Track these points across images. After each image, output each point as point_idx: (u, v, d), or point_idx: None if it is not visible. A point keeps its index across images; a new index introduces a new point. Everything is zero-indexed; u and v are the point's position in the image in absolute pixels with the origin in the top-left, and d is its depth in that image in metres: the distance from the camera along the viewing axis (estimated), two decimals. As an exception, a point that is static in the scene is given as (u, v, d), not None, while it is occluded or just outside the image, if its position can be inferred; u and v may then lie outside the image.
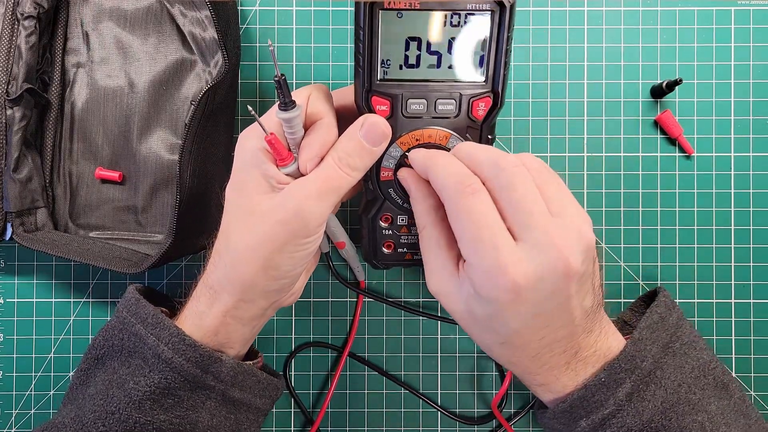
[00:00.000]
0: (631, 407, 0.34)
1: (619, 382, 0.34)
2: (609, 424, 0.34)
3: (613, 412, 0.34)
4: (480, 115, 0.36)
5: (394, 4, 0.33)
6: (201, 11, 0.46)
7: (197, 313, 0.37)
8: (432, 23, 0.34)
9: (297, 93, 0.36)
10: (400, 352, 0.48)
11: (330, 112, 0.36)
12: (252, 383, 0.38)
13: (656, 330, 0.37)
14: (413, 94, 0.36)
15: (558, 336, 0.33)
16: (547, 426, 0.38)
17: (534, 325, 0.33)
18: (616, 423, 0.34)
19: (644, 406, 0.34)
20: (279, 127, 0.35)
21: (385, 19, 0.34)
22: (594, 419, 0.34)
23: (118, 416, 0.35)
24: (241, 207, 0.35)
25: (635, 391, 0.34)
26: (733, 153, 0.47)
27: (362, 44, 0.34)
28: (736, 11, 0.47)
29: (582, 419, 0.35)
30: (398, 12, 0.34)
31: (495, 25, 0.34)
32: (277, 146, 0.34)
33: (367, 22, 0.34)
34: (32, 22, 0.44)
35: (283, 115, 0.33)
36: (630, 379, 0.34)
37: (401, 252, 0.41)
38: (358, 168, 0.34)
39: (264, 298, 0.36)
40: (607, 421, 0.34)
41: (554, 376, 0.35)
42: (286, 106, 0.33)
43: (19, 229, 0.45)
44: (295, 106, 0.34)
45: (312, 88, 0.36)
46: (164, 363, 0.35)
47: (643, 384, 0.35)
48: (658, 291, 0.40)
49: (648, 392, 0.34)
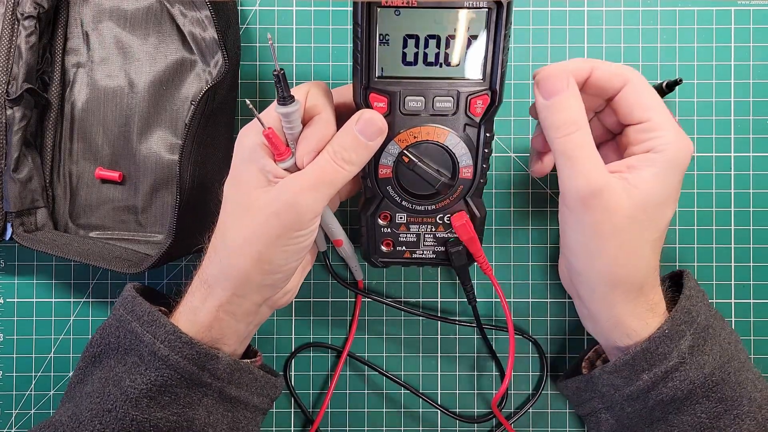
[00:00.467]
0: (694, 360, 0.35)
1: (681, 335, 0.35)
2: (672, 377, 0.35)
3: (676, 365, 0.35)
4: (478, 113, 0.36)
5: (391, 2, 0.33)
6: (201, 11, 0.46)
7: (191, 309, 0.37)
8: (429, 21, 0.34)
9: (296, 89, 0.36)
10: (399, 352, 0.48)
11: (328, 107, 0.36)
12: (249, 381, 0.38)
13: (700, 292, 0.38)
14: (411, 92, 0.36)
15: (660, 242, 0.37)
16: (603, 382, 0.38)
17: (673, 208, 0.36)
18: (679, 376, 0.35)
19: (705, 360, 0.35)
20: (278, 123, 0.35)
21: (383, 16, 0.34)
22: (657, 372, 0.35)
23: (114, 414, 0.35)
24: (237, 202, 0.35)
25: (695, 345, 0.35)
26: (733, 153, 0.47)
27: (360, 42, 0.34)
28: (736, 11, 0.47)
29: (644, 372, 0.35)
30: (396, 10, 0.34)
31: (492, 22, 0.34)
32: (274, 141, 0.34)
33: (365, 20, 0.34)
34: (32, 22, 0.44)
35: (282, 110, 0.34)
36: (690, 332, 0.35)
37: (400, 250, 0.41)
38: (353, 162, 0.35)
39: (257, 293, 0.36)
40: (669, 374, 0.35)
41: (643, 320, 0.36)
42: (285, 101, 0.34)
43: (19, 229, 0.45)
44: (294, 101, 0.34)
45: (311, 85, 0.37)
46: (160, 360, 0.35)
47: (701, 339, 0.35)
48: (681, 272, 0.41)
49: (706, 346, 0.35)
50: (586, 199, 0.34)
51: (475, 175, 0.38)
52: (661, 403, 0.36)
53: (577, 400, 0.42)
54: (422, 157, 0.37)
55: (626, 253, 0.35)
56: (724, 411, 0.35)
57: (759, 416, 0.36)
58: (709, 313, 0.38)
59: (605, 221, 0.34)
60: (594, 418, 0.40)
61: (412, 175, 0.38)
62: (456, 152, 0.37)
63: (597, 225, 0.35)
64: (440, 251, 0.42)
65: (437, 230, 0.41)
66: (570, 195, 0.35)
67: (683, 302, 0.36)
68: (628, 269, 0.36)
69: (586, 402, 0.41)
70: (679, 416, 0.36)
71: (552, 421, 0.48)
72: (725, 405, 0.35)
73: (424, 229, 0.41)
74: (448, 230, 0.41)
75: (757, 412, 0.36)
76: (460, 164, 0.38)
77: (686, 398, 0.35)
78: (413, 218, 0.40)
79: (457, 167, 0.38)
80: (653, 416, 0.37)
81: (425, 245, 0.41)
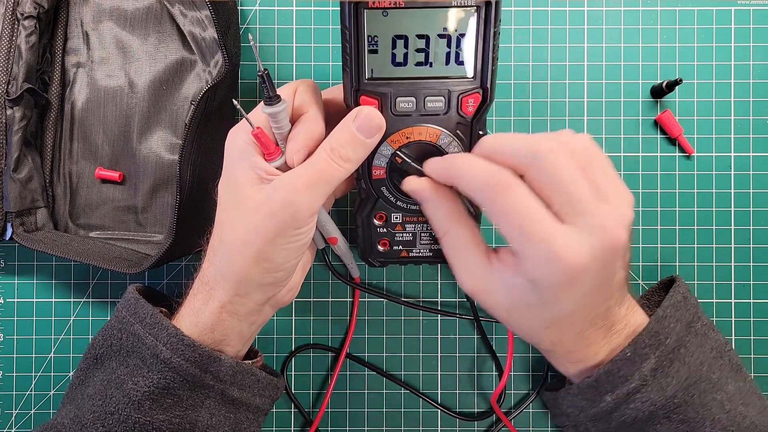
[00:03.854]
0: (656, 382, 0.35)
1: (644, 357, 0.35)
2: (633, 399, 0.35)
3: (638, 387, 0.35)
4: (470, 112, 0.36)
5: (379, 4, 0.33)
6: (201, 11, 0.46)
7: (194, 311, 0.37)
8: (418, 21, 0.34)
9: (284, 88, 0.36)
10: (399, 352, 0.48)
11: (316, 105, 0.36)
12: (251, 382, 0.38)
13: (680, 309, 0.37)
14: (402, 93, 0.36)
15: (600, 311, 0.34)
16: (568, 404, 0.38)
17: (584, 303, 0.33)
18: (640, 398, 0.35)
19: (668, 381, 0.35)
20: (266, 122, 0.35)
21: (371, 18, 0.34)
22: (619, 393, 0.35)
23: (117, 416, 0.35)
24: (232, 202, 0.35)
25: (659, 367, 0.35)
26: (733, 153, 0.47)
27: (349, 44, 0.34)
28: (736, 11, 0.47)
29: (607, 394, 0.35)
30: (383, 11, 0.34)
31: (481, 20, 0.34)
32: (263, 140, 0.34)
33: (352, 22, 0.33)
34: (32, 22, 0.44)
35: (269, 110, 0.34)
36: (654, 354, 0.35)
37: (396, 249, 0.42)
38: (350, 160, 0.34)
39: (259, 292, 0.36)
40: (631, 395, 0.35)
41: (593, 351, 0.35)
42: (271, 101, 0.34)
43: (19, 229, 0.45)
44: (280, 100, 0.34)
45: (299, 83, 0.36)
46: (162, 363, 0.35)
47: (667, 360, 0.35)
48: (674, 278, 0.41)
49: (672, 369, 0.35)
50: (474, 295, 0.36)
51: None
52: (623, 424, 0.36)
53: (552, 413, 0.42)
54: (415, 157, 0.37)
55: (531, 336, 0.36)
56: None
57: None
58: (687, 331, 0.37)
59: (491, 312, 0.36)
60: None
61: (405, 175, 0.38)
62: (449, 152, 0.37)
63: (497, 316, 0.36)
64: (437, 249, 0.42)
65: None
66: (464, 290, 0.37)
67: (652, 324, 0.35)
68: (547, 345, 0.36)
69: (557, 417, 0.41)
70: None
71: (552, 419, 0.48)
72: (686, 426, 0.35)
73: (420, 228, 0.41)
74: None
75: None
76: None
77: (648, 419, 0.35)
78: (409, 217, 0.40)
79: None
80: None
81: (422, 243, 0.41)
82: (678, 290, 0.38)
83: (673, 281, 0.41)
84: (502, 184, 0.32)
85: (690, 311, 0.38)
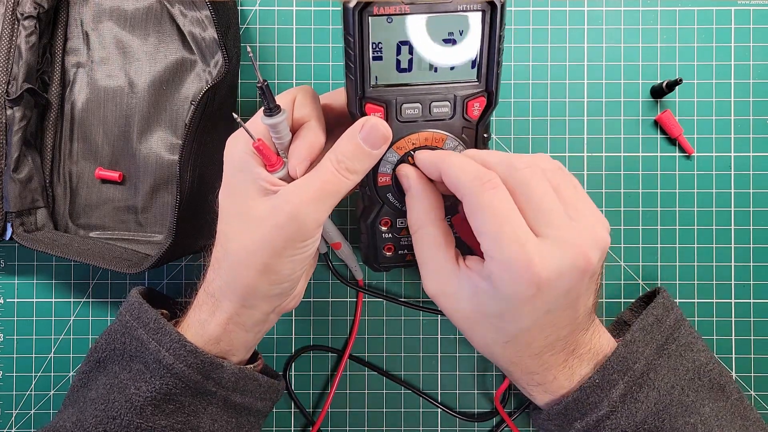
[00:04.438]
0: (625, 408, 0.34)
1: (612, 384, 0.34)
2: (603, 426, 0.34)
3: (607, 414, 0.34)
4: (475, 115, 0.36)
5: (383, 10, 0.33)
6: (201, 11, 0.46)
7: (199, 322, 0.36)
8: (422, 26, 0.34)
9: (282, 96, 0.35)
10: (400, 352, 0.48)
11: (316, 114, 0.35)
12: (253, 387, 0.38)
13: (650, 332, 0.37)
14: (407, 99, 0.35)
15: (561, 334, 0.34)
16: (542, 427, 0.38)
17: (543, 323, 0.33)
18: (610, 424, 0.34)
19: (637, 407, 0.34)
20: (266, 132, 0.34)
21: (375, 25, 0.33)
22: (588, 421, 0.34)
23: (119, 421, 0.35)
24: (235, 213, 0.35)
25: (628, 393, 0.34)
26: (733, 153, 0.47)
27: (353, 52, 0.34)
28: (736, 11, 0.47)
29: (576, 421, 0.35)
30: (388, 17, 0.33)
31: (486, 24, 0.34)
32: (265, 152, 0.33)
33: (356, 30, 0.33)
34: (32, 22, 0.44)
35: (269, 121, 0.33)
36: (623, 380, 0.34)
37: (401, 254, 0.41)
38: (357, 171, 0.34)
39: (266, 303, 0.36)
40: (601, 422, 0.34)
41: (552, 375, 0.35)
42: (271, 112, 0.33)
43: (19, 229, 0.45)
44: (280, 111, 0.33)
45: (297, 91, 0.36)
46: (165, 369, 0.35)
47: (636, 386, 0.35)
48: (657, 291, 0.40)
49: (641, 394, 0.35)
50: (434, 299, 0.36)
51: None
52: None
53: None
54: None
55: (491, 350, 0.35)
56: None
57: None
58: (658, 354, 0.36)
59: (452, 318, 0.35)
60: None
61: None
62: None
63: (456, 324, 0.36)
64: None
65: None
66: None
67: (620, 349, 0.35)
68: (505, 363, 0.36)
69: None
70: None
71: None
72: None
73: None
74: None
75: None
76: None
77: None
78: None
79: None
80: None
81: None
82: (651, 312, 0.38)
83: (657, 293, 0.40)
84: (492, 182, 0.32)
85: (663, 333, 0.37)
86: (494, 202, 0.31)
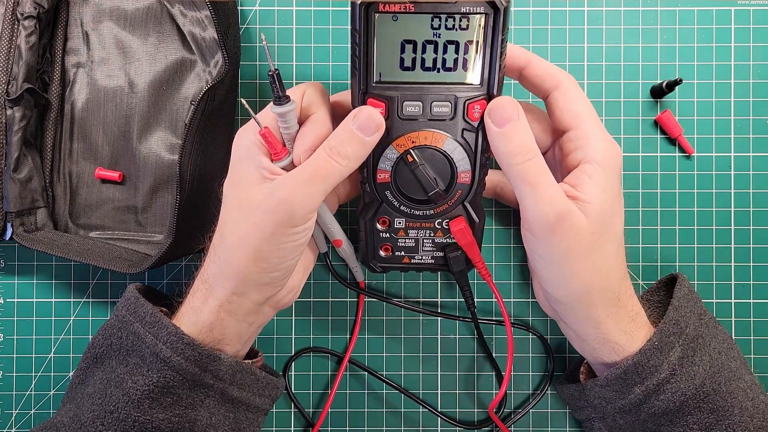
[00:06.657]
0: (684, 372, 0.35)
1: (671, 346, 0.35)
2: (663, 390, 0.35)
3: (667, 377, 0.35)
4: (476, 118, 0.36)
5: (389, 8, 0.33)
6: (201, 11, 0.46)
7: (193, 309, 0.37)
8: (427, 26, 0.34)
9: (293, 90, 0.36)
10: (399, 352, 0.48)
11: (324, 107, 0.36)
12: (251, 382, 0.38)
13: (691, 300, 0.38)
14: (409, 97, 0.36)
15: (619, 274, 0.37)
16: (595, 395, 0.38)
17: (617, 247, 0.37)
18: (670, 388, 0.35)
19: (695, 370, 0.35)
20: (274, 123, 0.35)
21: (381, 22, 0.34)
22: (649, 385, 0.35)
23: (116, 415, 0.35)
24: (236, 200, 0.35)
25: (685, 356, 0.35)
26: (733, 153, 0.47)
27: (358, 47, 0.34)
28: (736, 11, 0.47)
29: (636, 385, 0.35)
30: (393, 15, 0.34)
31: (489, 27, 0.34)
32: (271, 140, 0.34)
33: (362, 26, 0.34)
34: (32, 22, 0.44)
35: (278, 110, 0.34)
36: (679, 343, 0.35)
37: (399, 255, 0.41)
38: (349, 156, 0.34)
39: (256, 292, 0.36)
40: (661, 386, 0.35)
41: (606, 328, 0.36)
42: (281, 101, 0.34)
43: (19, 229, 0.45)
44: (290, 100, 0.34)
45: (308, 85, 0.37)
46: (162, 362, 0.35)
47: (690, 349, 0.35)
48: (676, 276, 0.41)
49: (696, 357, 0.35)
50: (553, 226, 0.34)
51: (473, 181, 0.38)
52: (653, 416, 0.36)
53: (573, 406, 0.42)
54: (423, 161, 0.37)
55: (598, 270, 0.36)
56: (715, 421, 0.35)
57: (751, 425, 0.35)
58: (700, 322, 0.37)
59: (575, 244, 0.35)
60: (588, 425, 0.41)
61: (410, 176, 0.38)
62: (454, 157, 0.37)
63: (567, 249, 0.35)
64: (439, 256, 0.42)
65: (436, 235, 0.41)
66: (537, 222, 0.35)
67: (671, 313, 0.36)
68: (603, 284, 0.36)
69: (581, 409, 0.41)
70: (671, 428, 0.36)
71: (552, 421, 0.48)
72: (717, 415, 0.35)
73: (423, 234, 0.41)
74: (446, 235, 0.41)
75: (748, 421, 0.35)
76: (458, 169, 0.37)
77: (678, 410, 0.35)
78: (412, 223, 0.40)
79: (455, 172, 0.38)
80: (645, 428, 0.37)
81: (424, 250, 0.41)
82: (684, 284, 0.39)
83: (674, 279, 0.41)
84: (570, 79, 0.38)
85: (698, 304, 0.38)
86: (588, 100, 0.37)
